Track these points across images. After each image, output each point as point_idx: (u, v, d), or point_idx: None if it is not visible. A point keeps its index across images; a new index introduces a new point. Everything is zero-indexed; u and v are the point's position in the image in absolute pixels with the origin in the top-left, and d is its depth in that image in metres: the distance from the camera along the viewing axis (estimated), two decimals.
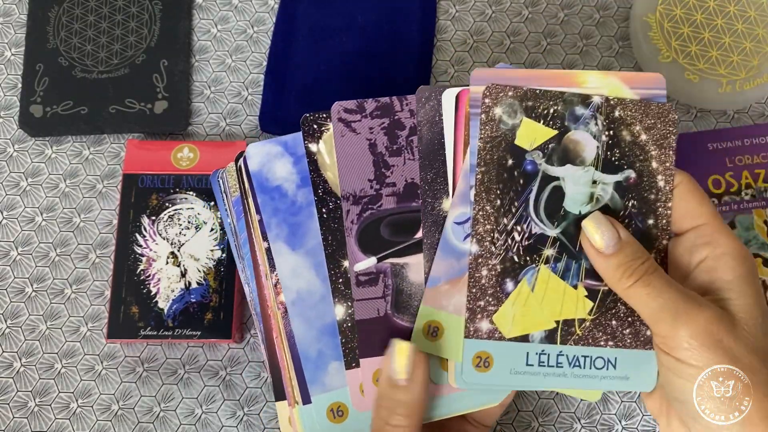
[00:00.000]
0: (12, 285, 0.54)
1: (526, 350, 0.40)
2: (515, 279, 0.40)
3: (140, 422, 0.52)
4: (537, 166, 0.41)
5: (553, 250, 0.41)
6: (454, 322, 0.41)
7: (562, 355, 0.40)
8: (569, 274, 0.41)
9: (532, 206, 0.41)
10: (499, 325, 0.40)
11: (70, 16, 0.58)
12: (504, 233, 0.40)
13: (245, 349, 0.53)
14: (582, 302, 0.41)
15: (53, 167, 0.56)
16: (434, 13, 0.59)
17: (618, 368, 0.41)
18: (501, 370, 0.40)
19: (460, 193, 0.41)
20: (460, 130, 0.41)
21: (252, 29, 0.59)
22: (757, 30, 0.55)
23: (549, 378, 0.40)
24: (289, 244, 0.42)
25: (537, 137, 0.41)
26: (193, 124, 0.57)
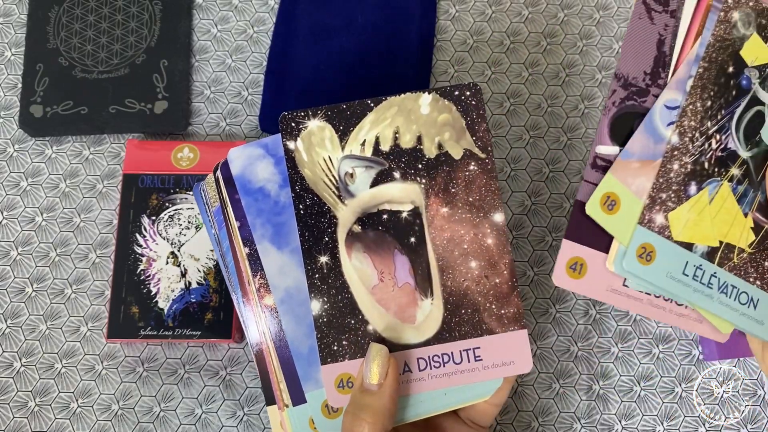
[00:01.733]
0: (12, 285, 0.54)
1: (687, 259, 0.40)
2: (699, 185, 0.40)
3: (140, 422, 0.52)
4: (751, 84, 0.41)
5: (740, 171, 0.40)
6: (632, 203, 0.40)
7: (716, 277, 0.40)
8: (745, 200, 0.40)
9: (735, 121, 0.40)
10: (672, 224, 0.40)
11: (70, 16, 0.58)
12: (704, 135, 0.40)
13: (245, 349, 0.53)
14: (747, 232, 0.40)
15: (53, 167, 0.57)
16: (434, 13, 0.59)
17: (758, 310, 0.40)
18: (659, 269, 0.40)
19: (678, 79, 0.41)
20: (697, 19, 0.41)
21: (252, 29, 0.59)
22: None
23: (697, 294, 0.40)
24: (275, 244, 0.42)
25: (759, 56, 0.41)
26: (193, 124, 0.57)
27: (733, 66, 0.41)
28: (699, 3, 0.41)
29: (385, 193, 0.42)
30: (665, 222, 0.40)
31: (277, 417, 0.43)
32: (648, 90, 0.41)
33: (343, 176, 0.42)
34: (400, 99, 0.42)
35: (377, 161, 0.42)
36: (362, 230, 0.42)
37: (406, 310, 0.42)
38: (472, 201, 0.42)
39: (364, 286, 0.42)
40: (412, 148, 0.42)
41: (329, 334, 0.41)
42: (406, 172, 0.42)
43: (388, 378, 0.39)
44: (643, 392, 0.52)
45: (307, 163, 0.42)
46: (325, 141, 0.42)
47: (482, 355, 0.42)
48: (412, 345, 0.41)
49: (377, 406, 0.39)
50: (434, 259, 0.42)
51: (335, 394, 0.41)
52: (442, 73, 0.58)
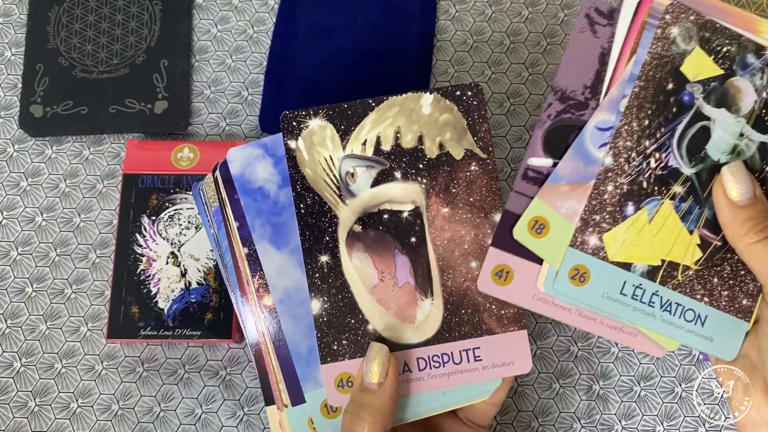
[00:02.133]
0: (12, 285, 0.54)
1: (625, 278, 0.39)
2: (637, 205, 0.39)
3: (140, 422, 0.52)
4: (694, 100, 0.40)
5: (683, 188, 0.40)
6: (562, 226, 0.40)
7: (657, 295, 0.39)
8: (689, 217, 0.40)
9: (676, 138, 0.40)
10: (607, 244, 0.39)
11: (70, 16, 0.58)
12: (642, 155, 0.39)
13: (245, 349, 0.53)
14: (692, 249, 0.40)
15: (53, 167, 0.57)
16: (434, 13, 0.59)
17: (706, 327, 0.40)
18: (594, 290, 0.39)
19: (611, 100, 0.40)
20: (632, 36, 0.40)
21: (252, 29, 0.59)
22: None
23: (637, 313, 0.40)
24: (274, 244, 0.42)
25: (703, 70, 0.40)
26: (193, 124, 0.57)
27: (673, 83, 0.40)
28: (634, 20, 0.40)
29: (385, 192, 0.42)
30: (599, 243, 0.39)
31: (276, 417, 0.43)
32: (587, 104, 0.41)
33: (344, 176, 0.42)
34: (401, 99, 0.42)
35: (378, 161, 0.42)
36: (363, 230, 0.42)
37: (406, 310, 0.42)
38: (473, 201, 0.42)
39: (365, 285, 0.42)
40: (413, 148, 0.42)
41: (329, 334, 0.41)
42: (407, 171, 0.42)
43: (388, 377, 0.39)
44: (643, 392, 0.52)
45: (308, 162, 0.42)
46: (327, 140, 0.42)
47: (482, 356, 0.42)
48: (412, 345, 0.41)
49: (377, 405, 0.39)
50: (435, 259, 0.42)
51: (335, 394, 0.41)
52: (442, 73, 0.58)
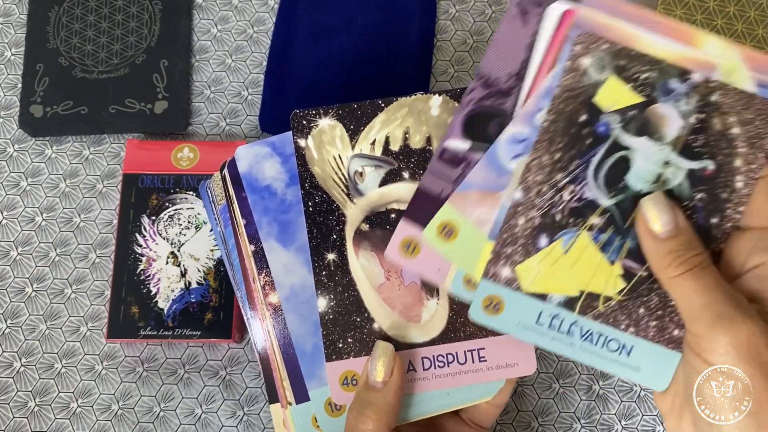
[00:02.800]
0: (12, 285, 0.54)
1: (541, 309, 0.39)
2: (551, 237, 0.39)
3: (140, 422, 0.52)
4: (609, 131, 0.38)
5: (601, 219, 0.38)
6: (471, 232, 0.39)
7: (576, 325, 0.39)
8: (610, 248, 0.38)
9: (592, 170, 0.38)
10: (521, 276, 0.39)
11: (70, 16, 0.58)
12: (554, 188, 0.38)
13: (245, 349, 0.53)
14: (614, 280, 0.38)
15: (53, 167, 0.56)
16: (434, 13, 0.59)
17: (632, 357, 0.39)
18: (509, 319, 0.39)
19: (525, 113, 0.39)
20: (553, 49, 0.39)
21: (252, 29, 0.59)
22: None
23: (555, 342, 0.39)
24: (281, 242, 0.43)
25: (619, 100, 0.38)
26: (193, 124, 0.57)
27: (586, 114, 0.38)
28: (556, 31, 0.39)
29: (393, 192, 0.42)
30: (512, 275, 0.39)
31: (280, 415, 0.43)
32: (509, 92, 0.39)
33: (352, 175, 0.42)
34: (410, 100, 0.42)
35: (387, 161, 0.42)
36: (370, 229, 0.42)
37: (412, 309, 0.42)
38: None
39: (371, 284, 0.42)
40: (421, 149, 0.42)
41: (335, 332, 0.41)
42: (415, 172, 0.42)
43: (393, 376, 0.40)
44: (643, 392, 0.52)
45: (317, 161, 0.42)
46: (336, 139, 0.42)
47: (487, 356, 0.42)
48: (417, 344, 0.42)
49: (382, 403, 0.39)
50: None
51: (339, 392, 0.41)
52: (442, 73, 0.58)
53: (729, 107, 0.37)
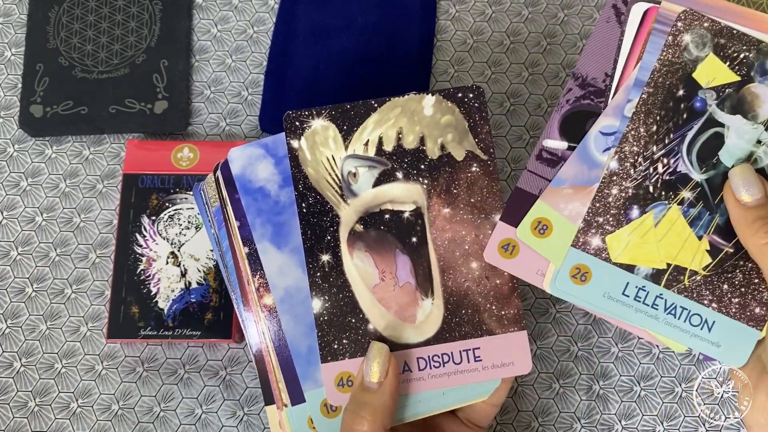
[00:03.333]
0: (12, 285, 0.54)
1: (628, 280, 0.39)
2: (643, 209, 0.39)
3: (140, 422, 0.52)
4: (706, 106, 0.39)
5: (692, 194, 0.39)
6: (565, 227, 0.40)
7: (661, 298, 0.39)
8: (699, 223, 0.39)
9: (686, 144, 0.39)
10: (610, 246, 0.39)
11: (70, 16, 0.58)
12: (648, 160, 0.39)
13: (245, 349, 0.53)
14: (701, 255, 0.39)
15: (53, 167, 0.57)
16: (434, 13, 0.59)
17: (713, 332, 0.39)
18: (595, 290, 0.39)
19: (615, 105, 0.40)
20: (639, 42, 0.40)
21: (252, 29, 0.59)
22: None
23: (640, 315, 0.39)
24: (275, 244, 0.42)
25: (717, 77, 0.39)
26: (193, 124, 0.57)
27: (684, 89, 0.39)
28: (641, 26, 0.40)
29: (387, 192, 0.42)
30: (602, 244, 0.39)
31: (276, 417, 0.43)
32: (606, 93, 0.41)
33: (346, 175, 0.42)
34: (403, 100, 0.42)
35: (380, 161, 0.42)
36: (364, 229, 0.42)
37: (407, 310, 0.42)
38: (474, 202, 0.42)
39: (365, 284, 0.42)
40: (415, 149, 0.42)
41: (330, 333, 0.41)
42: (409, 172, 0.42)
43: (388, 376, 0.40)
44: (643, 392, 0.52)
45: (311, 162, 0.42)
46: (329, 140, 0.42)
47: (482, 356, 0.42)
48: (412, 344, 0.42)
49: (377, 404, 0.39)
50: (435, 259, 0.42)
51: (335, 393, 0.41)
52: (442, 73, 0.58)
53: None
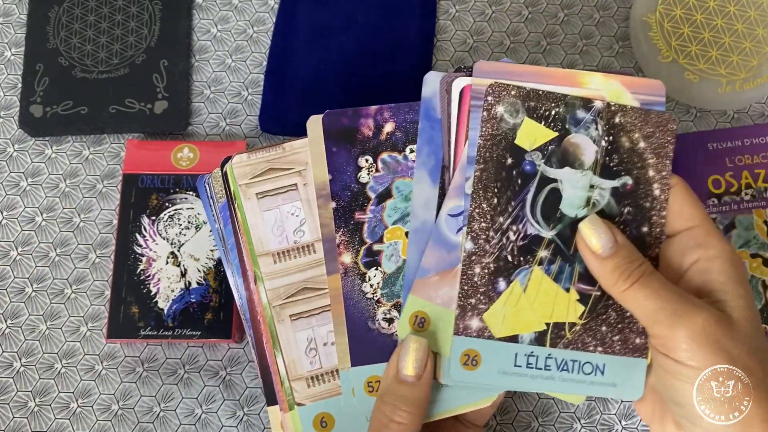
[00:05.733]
0: (12, 285, 0.54)
1: (515, 351, 0.40)
2: (508, 279, 0.40)
3: (140, 422, 0.52)
4: (536, 167, 0.41)
5: (548, 251, 0.41)
6: (442, 314, 0.41)
7: (551, 358, 0.40)
8: (562, 276, 0.41)
9: (528, 207, 0.41)
10: (490, 323, 0.40)
11: (70, 16, 0.58)
12: (499, 232, 0.40)
13: (245, 349, 0.53)
14: (573, 306, 0.41)
15: (53, 167, 0.56)
16: (434, 13, 0.59)
17: (606, 374, 0.41)
18: (489, 369, 0.40)
19: (456, 186, 0.41)
20: (463, 122, 0.41)
21: (252, 29, 0.59)
22: (757, 30, 0.55)
23: (537, 380, 0.40)
24: (432, 177, 0.42)
25: (537, 138, 0.41)
26: (193, 124, 0.57)
27: (511, 157, 0.40)
28: (461, 106, 0.41)
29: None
30: (482, 324, 0.40)
31: (278, 417, 0.43)
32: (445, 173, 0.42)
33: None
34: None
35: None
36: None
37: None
38: None
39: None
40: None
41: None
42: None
43: (427, 369, 0.40)
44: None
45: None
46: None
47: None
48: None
49: (416, 397, 0.39)
50: None
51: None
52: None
53: (631, 125, 0.41)
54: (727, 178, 0.53)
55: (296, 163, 0.44)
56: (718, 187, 0.53)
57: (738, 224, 0.52)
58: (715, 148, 0.54)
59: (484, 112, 0.40)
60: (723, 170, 0.53)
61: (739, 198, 0.52)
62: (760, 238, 0.52)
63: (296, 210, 0.44)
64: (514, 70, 0.41)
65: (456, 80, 0.41)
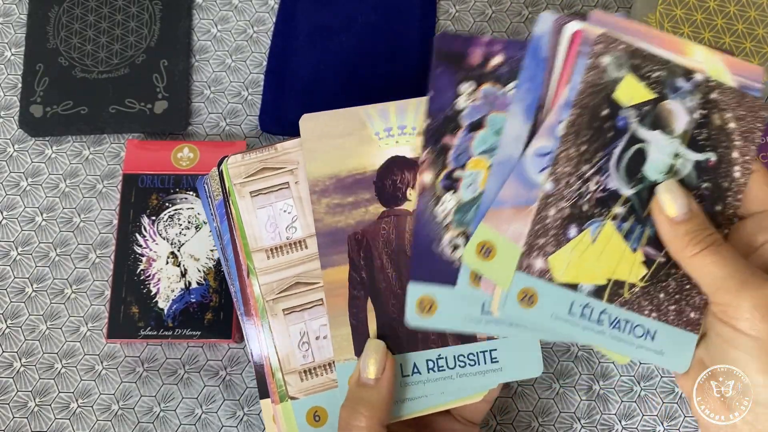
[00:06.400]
0: (12, 285, 0.54)
1: (572, 299, 0.40)
2: (580, 227, 0.40)
3: (140, 422, 0.52)
4: (628, 124, 0.41)
5: (623, 209, 0.40)
6: (509, 248, 0.40)
7: (605, 313, 0.40)
8: (632, 236, 0.40)
9: (614, 161, 0.41)
10: (553, 266, 0.40)
11: (70, 16, 0.58)
12: (581, 179, 0.40)
13: (245, 349, 0.53)
14: (637, 267, 0.40)
15: (53, 167, 0.57)
16: (434, 13, 0.59)
17: (656, 341, 0.40)
18: (543, 311, 0.40)
19: (548, 126, 0.41)
20: (568, 65, 0.41)
21: (252, 29, 0.59)
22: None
23: (587, 332, 0.40)
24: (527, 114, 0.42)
25: (635, 96, 0.41)
26: (193, 124, 0.57)
27: (607, 109, 0.41)
28: (569, 49, 0.41)
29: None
30: (545, 266, 0.40)
31: (270, 411, 0.43)
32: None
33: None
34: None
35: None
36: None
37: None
38: None
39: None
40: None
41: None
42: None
43: (385, 372, 0.40)
44: (643, 392, 0.52)
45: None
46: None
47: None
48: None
49: (374, 400, 0.39)
50: None
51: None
52: None
53: (725, 104, 0.41)
54: None
55: (288, 162, 0.44)
56: None
57: None
58: None
59: (590, 60, 0.40)
60: None
61: None
62: None
63: (288, 207, 0.44)
64: (627, 25, 0.41)
65: (569, 23, 0.41)
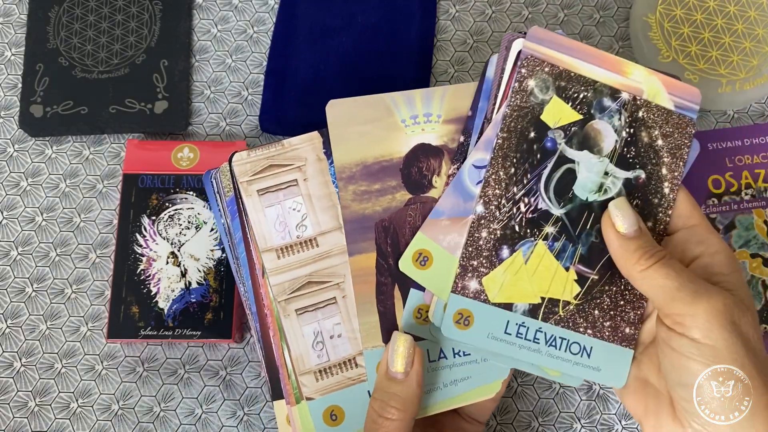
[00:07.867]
0: (12, 285, 0.54)
1: (508, 318, 0.41)
2: (512, 248, 0.41)
3: (140, 422, 0.52)
4: (556, 145, 0.41)
5: (554, 228, 0.41)
6: (445, 258, 0.41)
7: (541, 331, 0.41)
8: (564, 255, 0.41)
9: (543, 182, 0.41)
10: (487, 288, 0.41)
11: (70, 16, 0.58)
12: (511, 201, 0.41)
13: (245, 349, 0.53)
14: (570, 285, 0.41)
15: (53, 167, 0.56)
16: (434, 13, 0.59)
17: (592, 358, 0.41)
18: (479, 332, 0.41)
19: (486, 139, 0.42)
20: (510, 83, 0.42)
21: (252, 29, 0.59)
22: (757, 30, 0.55)
23: (523, 351, 0.41)
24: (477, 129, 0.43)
25: (562, 117, 0.41)
26: (193, 124, 0.57)
27: (535, 131, 0.41)
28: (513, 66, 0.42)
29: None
30: (479, 287, 0.41)
31: (284, 412, 0.43)
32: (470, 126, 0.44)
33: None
34: None
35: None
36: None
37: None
38: None
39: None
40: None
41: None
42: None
43: (414, 366, 0.40)
44: None
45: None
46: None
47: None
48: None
49: (405, 394, 0.40)
50: None
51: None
52: (442, 73, 0.58)
53: (653, 122, 0.42)
54: (727, 178, 0.53)
55: (296, 159, 0.44)
56: (718, 187, 0.53)
57: (738, 224, 0.52)
58: (715, 148, 0.54)
59: (516, 84, 0.41)
60: (723, 170, 0.53)
61: (739, 198, 0.52)
62: (760, 238, 0.52)
63: (297, 205, 0.44)
64: (565, 43, 0.42)
65: (517, 40, 0.42)
